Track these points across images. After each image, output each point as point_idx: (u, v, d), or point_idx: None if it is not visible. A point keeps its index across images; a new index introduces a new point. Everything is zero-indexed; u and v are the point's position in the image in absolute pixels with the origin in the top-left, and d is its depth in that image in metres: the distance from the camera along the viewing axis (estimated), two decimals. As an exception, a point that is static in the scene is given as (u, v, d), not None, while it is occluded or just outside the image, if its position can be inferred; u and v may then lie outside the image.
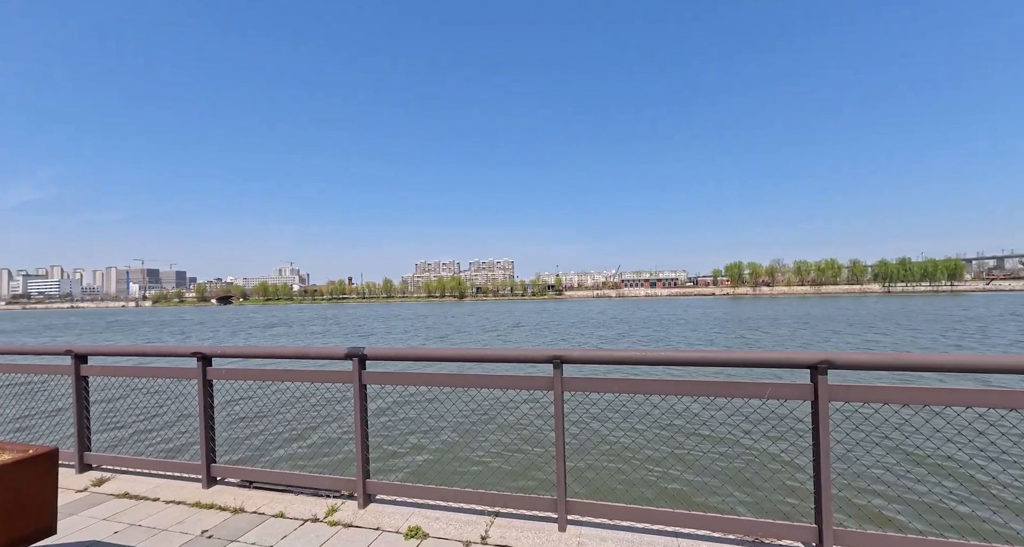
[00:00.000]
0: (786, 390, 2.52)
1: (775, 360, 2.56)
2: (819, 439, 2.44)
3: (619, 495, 5.04)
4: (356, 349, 3.17)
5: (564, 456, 2.84)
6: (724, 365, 2.66)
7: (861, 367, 2.43)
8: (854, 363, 2.44)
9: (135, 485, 3.72)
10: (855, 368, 2.44)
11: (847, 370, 2.45)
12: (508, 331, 35.04)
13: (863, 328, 28.35)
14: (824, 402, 2.44)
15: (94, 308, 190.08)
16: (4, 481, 2.09)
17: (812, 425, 2.49)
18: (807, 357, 2.48)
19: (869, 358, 2.43)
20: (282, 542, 2.82)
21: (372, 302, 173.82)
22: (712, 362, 2.68)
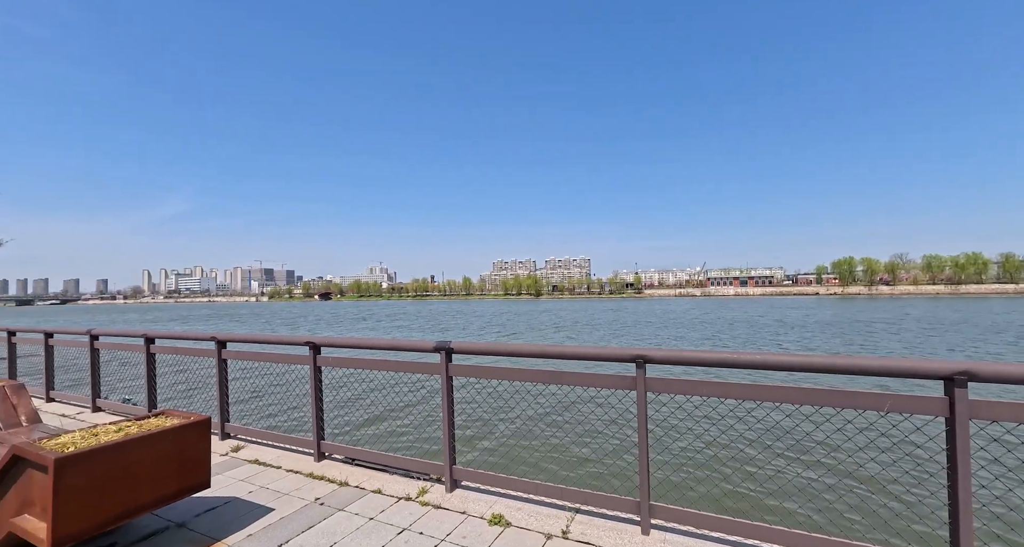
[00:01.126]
0: (912, 403, 2.20)
1: (900, 368, 2.25)
2: (956, 464, 2.10)
3: (706, 504, 4.77)
4: (443, 343, 3.38)
5: (647, 458, 2.77)
6: (832, 372, 2.40)
7: (1012, 381, 2.05)
8: (1004, 376, 2.06)
9: (262, 454, 4.33)
10: (1004, 382, 2.06)
11: (993, 384, 2.09)
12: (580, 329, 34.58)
13: (1017, 336, 23.46)
14: (963, 420, 2.10)
15: (225, 302, 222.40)
16: (175, 441, 2.58)
17: (947, 447, 2.16)
18: (942, 367, 2.15)
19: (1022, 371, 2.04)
20: (381, 515, 3.11)
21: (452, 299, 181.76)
22: (817, 368, 2.43)
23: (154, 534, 2.92)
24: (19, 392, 3.78)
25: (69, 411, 6.14)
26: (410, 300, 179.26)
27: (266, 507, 3.26)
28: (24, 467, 2.31)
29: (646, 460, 2.77)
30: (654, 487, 2.89)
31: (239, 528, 2.97)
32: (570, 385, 3.01)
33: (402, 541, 2.78)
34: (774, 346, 22.37)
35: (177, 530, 2.96)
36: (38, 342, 6.85)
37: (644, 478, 2.76)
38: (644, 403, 2.77)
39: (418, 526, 2.95)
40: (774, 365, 2.51)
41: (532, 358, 3.29)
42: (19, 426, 3.60)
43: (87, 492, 2.22)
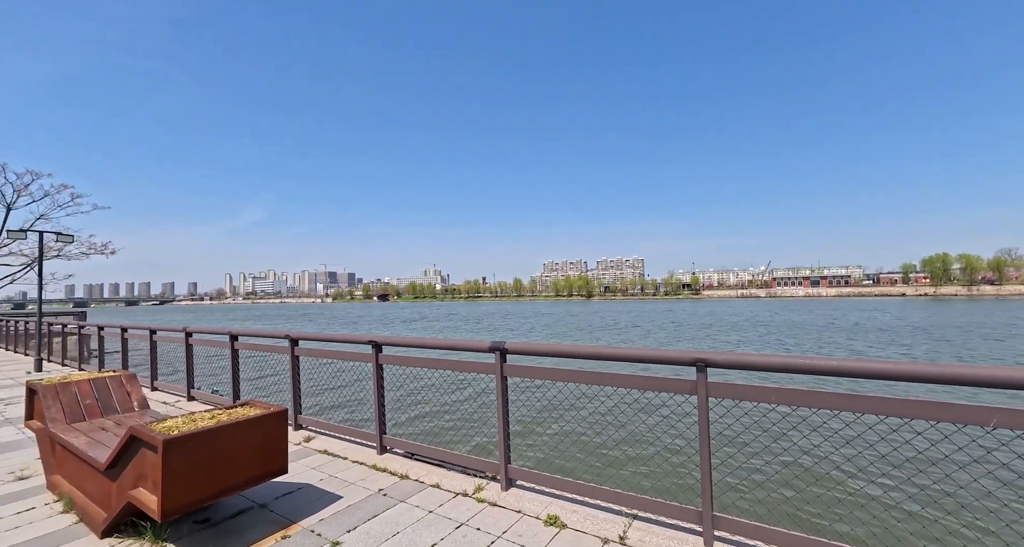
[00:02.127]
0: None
1: (1009, 379, 1.99)
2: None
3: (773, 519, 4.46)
4: (498, 343, 3.44)
5: (710, 467, 2.66)
6: (923, 381, 2.16)
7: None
8: None
9: (330, 445, 4.63)
10: None
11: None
12: (633, 331, 33.58)
13: None
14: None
15: (294, 303, 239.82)
16: (259, 429, 2.85)
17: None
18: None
19: None
20: (439, 509, 3.22)
21: (503, 300, 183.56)
22: (906, 376, 2.20)
23: (241, 513, 3.22)
24: (132, 381, 4.32)
25: (169, 399, 6.91)
26: (462, 301, 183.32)
27: (335, 494, 3.49)
28: (139, 446, 2.65)
29: (708, 469, 2.66)
30: (717, 497, 2.76)
31: (312, 512, 3.20)
32: (627, 388, 2.95)
33: (460, 535, 2.86)
34: (848, 352, 20.47)
35: (260, 510, 3.25)
36: (144, 338, 7.79)
37: (706, 487, 2.65)
38: (706, 409, 2.66)
39: (475, 522, 3.02)
40: (855, 372, 2.31)
41: (587, 360, 3.26)
42: (133, 411, 4.12)
43: (188, 471, 2.51)
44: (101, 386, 4.12)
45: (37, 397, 3.87)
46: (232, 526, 3.04)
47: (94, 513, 3.05)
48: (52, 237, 12.24)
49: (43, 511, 3.35)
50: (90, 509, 3.09)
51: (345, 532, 2.93)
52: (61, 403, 3.84)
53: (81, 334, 10.75)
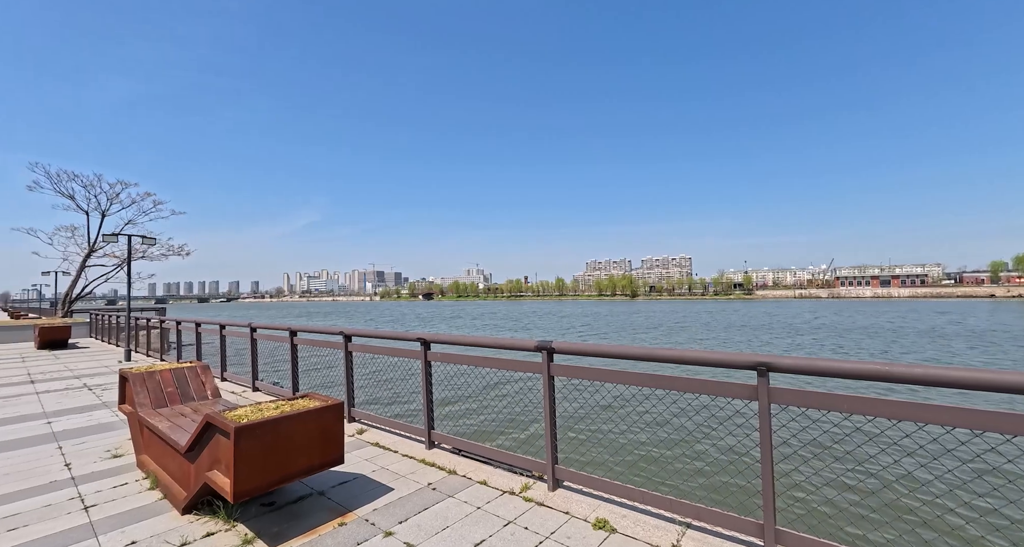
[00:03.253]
0: None
1: None
2: None
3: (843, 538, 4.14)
4: (545, 342, 3.42)
5: (772, 477, 2.50)
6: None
7: None
8: None
9: (381, 438, 4.80)
10: None
11: None
12: (678, 332, 32.35)
13: None
14: None
15: (345, 301, 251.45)
16: (318, 420, 3.00)
17: None
18: None
19: None
20: (487, 506, 3.25)
21: (545, 299, 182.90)
22: (1000, 386, 1.95)
23: (302, 498, 3.41)
24: (206, 372, 4.69)
25: (236, 389, 7.45)
26: (504, 300, 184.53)
27: (387, 486, 3.61)
28: (213, 432, 2.87)
29: (771, 479, 2.50)
30: (780, 510, 2.59)
31: (366, 502, 3.33)
32: (680, 391, 2.84)
33: (508, 533, 2.87)
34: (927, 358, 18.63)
35: (319, 497, 3.43)
36: (215, 332, 8.44)
37: (768, 499, 2.49)
38: (768, 415, 2.51)
39: (522, 520, 3.02)
40: (940, 381, 2.09)
41: (637, 361, 3.17)
42: (207, 399, 4.47)
43: (257, 457, 2.69)
44: (180, 375, 4.51)
45: (128, 384, 4.29)
46: (294, 510, 3.22)
47: (176, 491, 3.33)
48: (138, 240, 13.56)
49: (134, 486, 3.71)
50: (172, 487, 3.38)
51: (397, 523, 3.03)
52: (148, 390, 4.23)
53: (162, 328, 11.83)
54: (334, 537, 2.87)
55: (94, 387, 8.01)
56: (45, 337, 14.38)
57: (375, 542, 2.81)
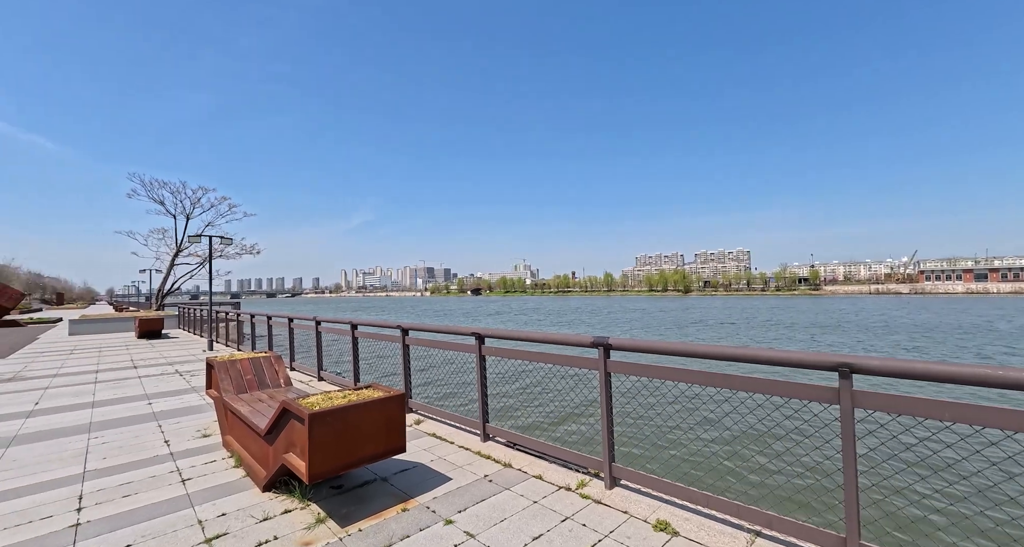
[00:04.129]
0: None
1: None
2: None
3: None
4: (601, 339, 3.36)
5: (856, 488, 2.30)
6: None
7: None
8: None
9: (438, 429, 4.95)
10: None
11: None
12: (726, 328, 30.61)
13: None
14: None
15: (397, 296, 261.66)
16: (382, 409, 3.14)
17: None
18: None
19: None
20: (543, 501, 3.26)
21: (593, 295, 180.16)
22: None
23: (367, 483, 3.59)
24: (279, 361, 5.06)
25: (303, 378, 7.98)
26: (551, 296, 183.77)
27: (445, 475, 3.72)
28: (289, 417, 3.09)
29: (854, 490, 2.30)
30: (864, 524, 2.38)
31: (426, 490, 3.45)
32: (748, 391, 2.68)
33: (566, 529, 2.86)
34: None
35: (382, 483, 3.60)
36: (284, 325, 9.08)
37: (852, 511, 2.30)
38: (851, 421, 2.31)
39: (580, 517, 3.00)
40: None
41: (702, 359, 3.03)
42: (280, 386, 4.82)
43: (328, 442, 2.87)
44: (257, 364, 4.89)
45: (214, 371, 4.72)
46: (360, 494, 3.41)
47: (257, 470, 3.63)
48: (217, 240, 14.86)
49: (221, 464, 4.09)
50: (254, 467, 3.69)
51: (456, 512, 3.11)
52: (230, 377, 4.63)
53: (238, 321, 12.90)
54: (398, 522, 3.00)
55: (184, 373, 8.90)
56: (143, 328, 16.17)
57: (436, 529, 2.90)
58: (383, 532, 2.88)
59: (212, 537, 2.85)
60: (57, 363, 10.76)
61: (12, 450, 4.64)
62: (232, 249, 28.34)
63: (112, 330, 19.04)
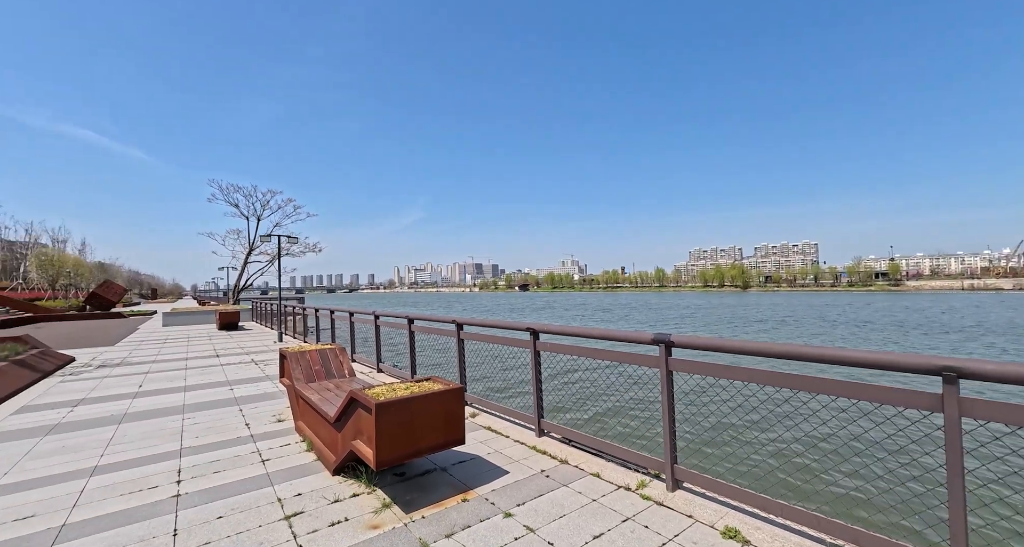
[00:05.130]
0: None
1: None
2: None
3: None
4: (663, 336, 3.24)
5: (964, 508, 2.06)
6: None
7: None
8: None
9: (493, 422, 5.02)
10: None
11: None
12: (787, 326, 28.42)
13: None
14: None
15: (448, 292, 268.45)
16: (442, 401, 3.23)
17: None
18: None
19: None
20: (602, 499, 3.20)
21: (644, 291, 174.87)
22: None
23: (427, 472, 3.71)
24: (343, 353, 5.35)
25: (364, 370, 8.39)
26: (600, 292, 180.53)
27: (502, 469, 3.76)
28: (356, 406, 3.25)
29: (962, 510, 2.06)
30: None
31: (484, 482, 3.51)
32: (831, 395, 2.47)
33: (627, 530, 2.80)
34: None
35: (442, 473, 3.70)
36: (345, 319, 9.59)
37: (959, 533, 2.05)
38: (958, 431, 2.06)
39: (641, 519, 2.92)
40: None
41: (772, 358, 2.84)
42: (344, 377, 5.10)
43: (393, 431, 2.99)
44: (324, 355, 5.20)
45: (286, 361, 5.07)
46: (422, 482, 3.53)
47: (326, 455, 3.86)
48: (285, 240, 15.96)
49: (294, 448, 4.39)
50: (324, 452, 3.93)
51: (515, 506, 3.13)
52: (301, 367, 4.96)
53: (304, 314, 13.80)
54: (459, 511, 3.07)
55: (259, 362, 9.66)
56: (222, 320, 17.74)
57: (496, 521, 2.94)
58: (445, 521, 2.96)
59: (290, 515, 3.07)
60: (154, 350, 12.07)
61: (124, 426, 5.26)
62: (297, 248, 30.34)
63: (197, 322, 21.05)
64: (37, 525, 3.04)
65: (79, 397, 6.80)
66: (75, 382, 7.97)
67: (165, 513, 3.15)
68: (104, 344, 13.98)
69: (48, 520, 3.10)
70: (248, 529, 2.91)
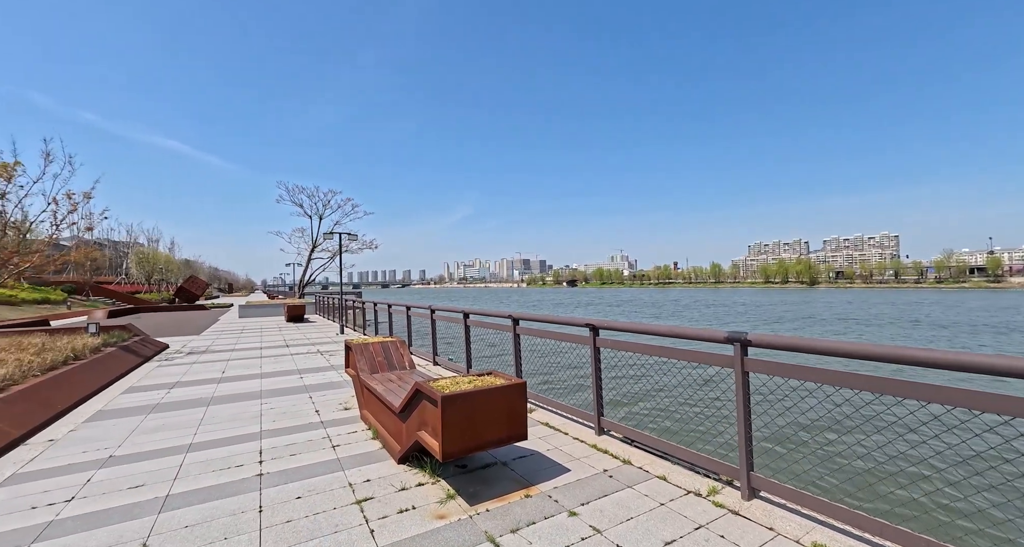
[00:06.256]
0: None
1: None
2: None
3: None
4: (737, 334, 3.03)
5: None
6: None
7: None
8: None
9: (550, 419, 4.98)
10: None
11: None
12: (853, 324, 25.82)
13: None
14: None
15: (496, 287, 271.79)
16: (505, 397, 3.23)
17: None
18: None
19: None
20: (671, 503, 3.06)
21: (697, 287, 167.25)
22: None
23: (488, 466, 3.74)
24: (403, 346, 5.52)
25: (420, 363, 8.64)
26: (651, 288, 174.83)
27: (563, 466, 3.71)
28: (421, 398, 3.33)
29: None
30: None
31: (546, 479, 3.48)
32: (922, 401, 2.19)
33: (701, 538, 2.66)
34: None
35: (503, 467, 3.72)
36: (402, 313, 9.93)
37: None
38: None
39: (716, 527, 2.76)
40: None
41: (858, 359, 2.57)
42: (405, 369, 5.26)
43: (458, 424, 3.03)
44: (386, 348, 5.39)
45: (351, 352, 5.31)
46: (484, 476, 3.56)
47: (391, 444, 4.00)
48: (345, 237, 16.82)
49: (360, 435, 4.60)
50: (388, 440, 4.07)
51: (579, 505, 3.08)
52: (364, 358, 5.17)
53: (363, 308, 14.47)
54: (523, 507, 3.06)
55: (324, 352, 10.26)
56: (290, 313, 19.03)
57: (561, 519, 2.90)
58: (509, 515, 2.96)
59: (361, 499, 3.21)
60: (233, 340, 13.17)
61: (212, 408, 5.77)
62: (355, 245, 31.89)
63: (268, 314, 22.75)
64: (147, 494, 3.39)
65: (174, 380, 7.55)
66: (170, 367, 8.86)
67: (251, 490, 3.40)
68: (191, 333, 15.46)
69: (155, 490, 3.45)
70: (324, 511, 3.07)
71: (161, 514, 3.08)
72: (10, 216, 9.05)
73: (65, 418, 5.51)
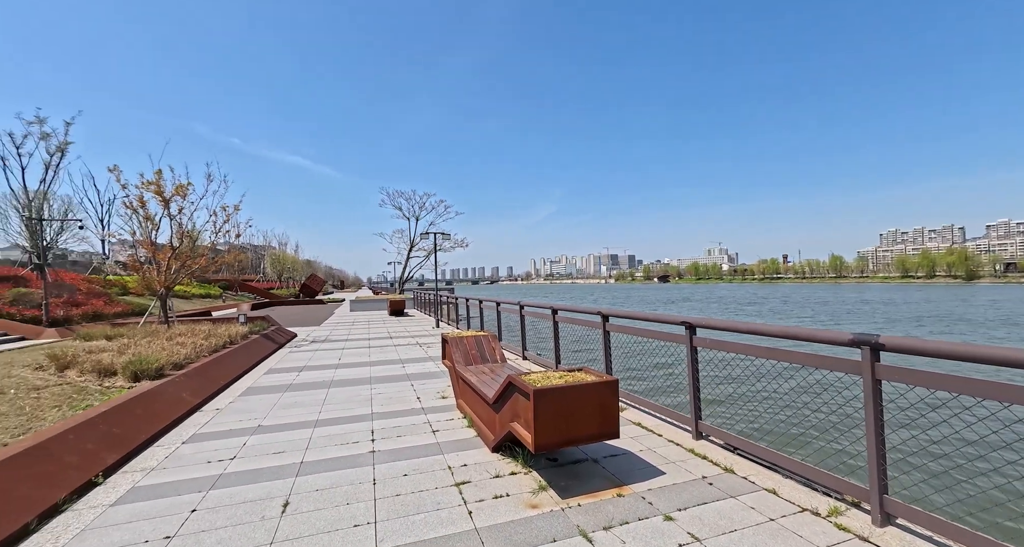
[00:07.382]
0: None
1: None
2: None
3: None
4: (866, 336, 2.66)
5: None
6: None
7: None
8: None
9: (642, 418, 4.82)
10: None
11: None
12: None
13: None
14: None
15: (583, 284, 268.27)
16: (596, 393, 3.22)
17: None
18: None
19: None
20: (782, 520, 2.80)
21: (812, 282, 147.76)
22: None
23: (579, 462, 3.76)
24: (494, 340, 5.75)
25: (510, 357, 8.89)
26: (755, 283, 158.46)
27: (657, 469, 3.59)
28: (514, 391, 3.45)
29: None
30: None
31: (639, 480, 3.39)
32: None
33: (820, 561, 2.40)
34: None
35: (593, 464, 3.71)
36: (492, 308, 10.31)
37: None
38: None
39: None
40: None
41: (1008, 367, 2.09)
42: (497, 362, 5.48)
43: (551, 417, 3.09)
44: (479, 341, 5.66)
45: (448, 345, 5.67)
46: (575, 471, 3.58)
47: (485, 433, 4.21)
48: (439, 237, 17.92)
49: (457, 423, 4.90)
50: (482, 429, 4.29)
51: (675, 510, 2.96)
52: (460, 351, 5.49)
53: (456, 303, 15.29)
54: (615, 505, 3.03)
55: (422, 344, 11.07)
56: (392, 307, 20.83)
57: (655, 522, 2.82)
58: (601, 512, 2.95)
59: (460, 482, 3.43)
60: (346, 331, 14.80)
61: (332, 390, 6.58)
62: (448, 243, 33.75)
63: (374, 308, 25.12)
64: (287, 459, 4.00)
65: (302, 364, 8.74)
66: (299, 353, 10.27)
67: (366, 464, 3.82)
68: (313, 324, 17.69)
69: (292, 456, 4.05)
70: (427, 489, 3.35)
71: (298, 478, 3.61)
72: (185, 227, 11.31)
73: (225, 392, 6.69)
